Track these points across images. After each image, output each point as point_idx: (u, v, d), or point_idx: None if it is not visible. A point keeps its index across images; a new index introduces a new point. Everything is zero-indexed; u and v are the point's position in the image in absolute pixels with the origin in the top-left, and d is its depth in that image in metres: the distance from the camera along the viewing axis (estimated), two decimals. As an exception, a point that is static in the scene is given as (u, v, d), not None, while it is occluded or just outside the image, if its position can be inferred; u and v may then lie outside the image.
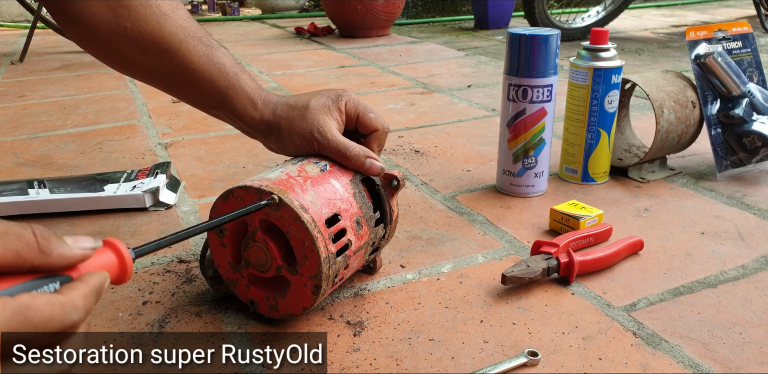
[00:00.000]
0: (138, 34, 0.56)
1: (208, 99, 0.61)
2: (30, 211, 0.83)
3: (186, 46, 0.57)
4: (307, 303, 0.55)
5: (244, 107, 0.60)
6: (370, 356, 0.54)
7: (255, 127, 0.62)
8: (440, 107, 1.36)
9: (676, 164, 0.98)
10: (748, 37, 0.95)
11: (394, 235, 0.65)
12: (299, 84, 1.61)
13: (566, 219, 0.74)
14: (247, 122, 0.61)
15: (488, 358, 0.53)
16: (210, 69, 0.58)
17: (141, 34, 0.56)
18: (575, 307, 0.61)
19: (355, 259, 0.58)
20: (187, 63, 0.58)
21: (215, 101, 0.60)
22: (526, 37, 0.79)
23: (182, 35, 0.57)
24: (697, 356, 0.53)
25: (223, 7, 3.40)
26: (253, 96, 0.61)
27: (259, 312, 0.58)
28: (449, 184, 0.92)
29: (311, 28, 2.51)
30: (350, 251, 0.56)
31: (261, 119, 0.61)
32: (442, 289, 0.64)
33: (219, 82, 0.59)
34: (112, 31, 0.55)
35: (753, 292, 0.63)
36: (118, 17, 0.55)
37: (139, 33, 0.56)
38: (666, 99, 0.87)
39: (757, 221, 0.78)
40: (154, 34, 0.56)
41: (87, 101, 1.47)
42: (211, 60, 0.58)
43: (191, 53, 0.58)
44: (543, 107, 0.82)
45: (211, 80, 0.59)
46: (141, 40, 0.56)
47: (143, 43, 0.56)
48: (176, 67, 0.58)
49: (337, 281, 0.56)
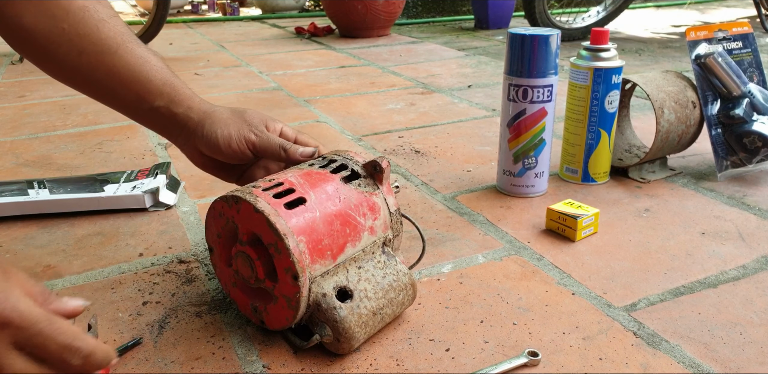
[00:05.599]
0: (76, 36, 0.57)
1: (145, 95, 0.61)
2: (30, 211, 0.83)
3: (124, 48, 0.59)
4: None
5: (185, 96, 0.61)
6: (370, 356, 0.54)
7: (189, 118, 0.62)
8: (440, 107, 1.36)
9: (676, 164, 0.98)
10: (748, 38, 0.95)
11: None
12: (299, 84, 1.61)
13: (563, 218, 0.74)
14: (184, 109, 0.61)
15: (488, 358, 0.53)
16: (147, 69, 0.60)
17: (79, 36, 0.57)
18: (576, 307, 0.61)
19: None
20: (125, 63, 0.59)
21: (152, 96, 0.61)
22: (527, 37, 0.79)
23: (120, 39, 0.59)
24: (698, 356, 0.53)
25: (223, 7, 3.40)
26: (190, 91, 0.63)
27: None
28: (449, 184, 0.92)
29: (311, 28, 2.51)
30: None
31: (199, 107, 0.62)
32: (442, 289, 0.64)
33: (156, 81, 0.60)
34: (49, 32, 0.56)
35: (753, 292, 0.63)
36: (56, 19, 0.56)
37: (77, 35, 0.57)
38: (666, 99, 0.87)
39: (757, 221, 0.78)
40: (92, 37, 0.57)
41: (87, 101, 1.47)
42: (147, 62, 0.60)
43: (129, 54, 0.59)
44: (543, 107, 0.82)
45: (149, 79, 0.60)
46: (78, 41, 0.57)
47: (80, 45, 0.57)
48: (113, 67, 0.58)
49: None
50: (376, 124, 1.24)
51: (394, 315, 0.56)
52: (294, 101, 1.44)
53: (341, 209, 0.54)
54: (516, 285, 0.65)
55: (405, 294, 0.57)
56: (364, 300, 0.53)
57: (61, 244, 0.76)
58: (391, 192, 0.59)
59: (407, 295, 0.57)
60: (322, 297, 0.52)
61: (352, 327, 0.52)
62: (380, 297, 0.54)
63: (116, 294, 0.65)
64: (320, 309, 0.52)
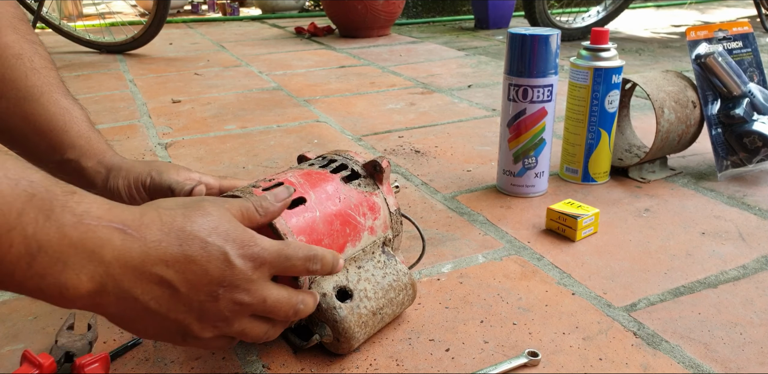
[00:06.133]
0: (1, 81, 0.56)
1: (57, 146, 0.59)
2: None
3: (48, 97, 0.58)
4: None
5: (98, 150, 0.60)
6: (370, 356, 0.54)
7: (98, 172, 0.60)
8: (440, 107, 1.36)
9: (676, 164, 0.98)
10: (748, 37, 0.95)
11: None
12: (299, 84, 1.61)
13: (563, 218, 0.74)
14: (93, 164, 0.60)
15: (488, 358, 0.53)
16: (67, 119, 0.59)
17: (4, 81, 0.56)
18: (575, 307, 0.61)
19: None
20: (44, 111, 0.58)
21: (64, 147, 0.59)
22: (527, 37, 0.79)
23: (46, 89, 0.58)
24: (698, 356, 0.53)
25: (223, 7, 3.40)
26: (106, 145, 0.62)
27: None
28: (449, 184, 0.92)
29: (311, 28, 2.51)
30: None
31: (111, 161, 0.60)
32: (442, 289, 0.64)
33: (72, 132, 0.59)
34: None
35: (753, 292, 0.63)
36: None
37: (3, 80, 0.56)
38: (666, 99, 0.87)
39: (757, 221, 0.78)
40: (17, 83, 0.57)
41: (87, 101, 1.47)
42: (69, 112, 0.59)
43: (52, 104, 0.58)
44: (543, 106, 0.82)
45: (65, 129, 0.59)
46: (2, 86, 0.56)
47: (2, 90, 0.57)
48: (32, 114, 0.58)
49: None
50: (376, 124, 1.24)
51: (394, 314, 0.56)
52: (294, 100, 1.44)
53: (341, 208, 0.54)
54: (516, 284, 0.65)
55: (405, 293, 0.57)
56: (364, 300, 0.53)
57: (61, 244, 0.76)
58: (391, 192, 0.59)
59: (407, 295, 0.57)
60: (322, 297, 0.51)
61: (352, 327, 0.52)
62: (380, 297, 0.54)
63: (116, 293, 0.65)
64: (320, 309, 0.52)
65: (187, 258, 0.40)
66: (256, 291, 0.43)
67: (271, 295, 0.44)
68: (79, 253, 0.36)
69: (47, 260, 0.35)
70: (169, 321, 0.41)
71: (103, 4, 4.07)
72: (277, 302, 0.45)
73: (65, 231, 0.35)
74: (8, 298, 0.64)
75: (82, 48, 2.16)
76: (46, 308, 0.62)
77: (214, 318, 0.42)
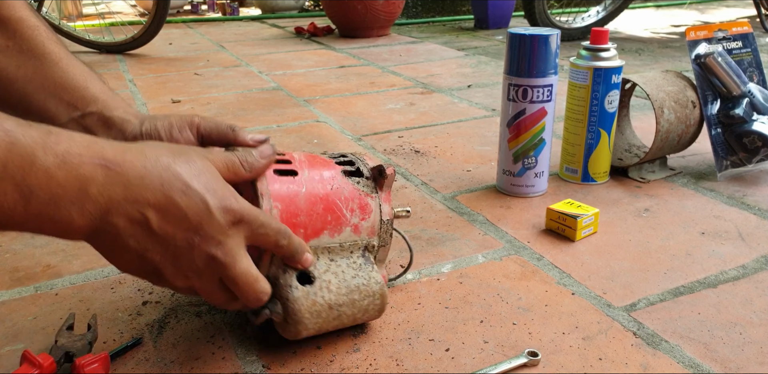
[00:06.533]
0: (18, 51, 0.57)
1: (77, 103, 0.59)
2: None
3: (66, 62, 0.59)
4: None
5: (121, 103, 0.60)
6: (370, 356, 0.54)
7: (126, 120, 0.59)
8: (440, 107, 1.36)
9: (676, 164, 0.98)
10: (748, 37, 0.95)
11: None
12: (299, 84, 1.61)
13: (563, 218, 0.74)
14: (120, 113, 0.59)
15: (488, 358, 0.53)
16: (87, 78, 0.59)
17: (21, 52, 0.57)
18: (575, 307, 0.61)
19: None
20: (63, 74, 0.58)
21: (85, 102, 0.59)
22: (526, 37, 0.79)
23: (64, 55, 0.59)
24: (698, 356, 0.53)
25: (222, 7, 3.40)
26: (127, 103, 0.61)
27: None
28: (449, 184, 0.92)
29: (311, 28, 2.51)
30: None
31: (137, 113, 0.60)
32: (442, 289, 0.64)
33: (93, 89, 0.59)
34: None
35: (753, 292, 0.63)
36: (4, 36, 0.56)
37: (20, 50, 0.57)
38: (666, 99, 0.87)
39: (757, 221, 0.78)
40: (35, 51, 0.58)
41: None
42: (90, 74, 0.60)
43: (72, 67, 0.59)
44: (543, 106, 0.82)
45: (86, 87, 0.59)
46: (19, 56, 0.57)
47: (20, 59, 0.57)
48: (51, 78, 0.58)
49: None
50: (376, 124, 1.24)
51: (354, 318, 0.54)
52: (294, 100, 1.44)
53: (329, 194, 0.53)
54: (516, 284, 0.65)
55: (371, 301, 0.54)
56: (324, 290, 0.52)
57: (60, 244, 0.76)
58: (389, 201, 0.57)
59: (373, 303, 0.55)
60: (282, 272, 0.50)
61: (303, 310, 0.50)
62: (342, 294, 0.53)
63: (116, 293, 0.65)
64: (277, 285, 0.50)
65: (168, 200, 0.41)
66: (230, 251, 0.44)
67: (242, 262, 0.45)
68: (67, 192, 0.38)
69: (40, 202, 0.37)
70: (144, 261, 0.42)
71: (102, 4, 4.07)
72: (245, 273, 0.45)
73: (51, 173, 0.37)
74: (8, 298, 0.64)
75: (82, 48, 2.16)
76: (46, 308, 0.62)
77: (187, 267, 0.43)
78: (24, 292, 0.65)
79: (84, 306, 0.62)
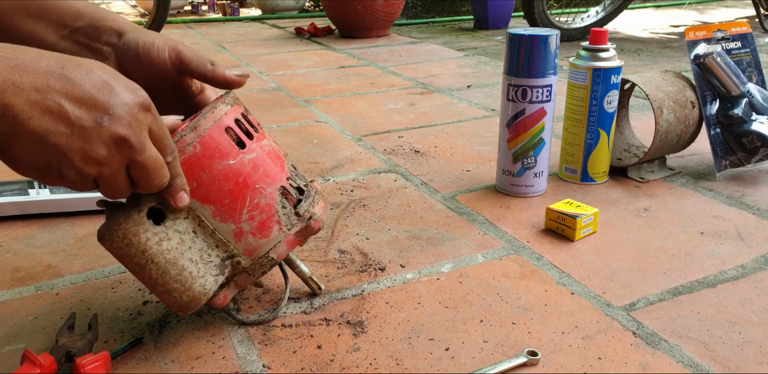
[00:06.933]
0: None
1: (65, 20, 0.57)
2: (30, 211, 0.83)
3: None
4: None
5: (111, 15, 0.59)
6: (370, 356, 0.54)
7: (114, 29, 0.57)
8: (440, 107, 1.36)
9: (675, 164, 0.98)
10: (747, 37, 0.95)
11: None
12: (299, 84, 1.62)
13: (562, 218, 0.74)
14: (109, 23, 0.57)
15: (488, 358, 0.53)
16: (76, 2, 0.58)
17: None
18: (575, 307, 0.61)
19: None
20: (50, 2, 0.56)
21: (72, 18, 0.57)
22: (526, 38, 0.79)
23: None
24: (697, 355, 0.53)
25: (223, 7, 3.40)
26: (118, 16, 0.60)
27: None
28: (449, 184, 0.93)
29: (311, 29, 2.51)
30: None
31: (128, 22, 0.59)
32: (442, 289, 0.64)
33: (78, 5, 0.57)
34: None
35: (752, 292, 0.63)
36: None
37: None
38: (665, 99, 0.88)
39: (756, 220, 0.78)
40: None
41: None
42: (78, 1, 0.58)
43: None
44: (542, 107, 0.82)
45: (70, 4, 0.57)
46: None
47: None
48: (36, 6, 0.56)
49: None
50: (376, 124, 1.24)
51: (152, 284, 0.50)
52: (294, 101, 1.44)
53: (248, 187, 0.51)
54: (515, 284, 0.65)
55: (180, 292, 0.50)
56: (155, 238, 0.48)
57: (61, 244, 0.76)
58: (292, 247, 0.55)
59: (179, 295, 0.50)
60: (145, 196, 0.48)
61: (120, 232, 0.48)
62: (164, 258, 0.49)
63: (116, 293, 0.65)
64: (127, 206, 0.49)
65: (69, 79, 0.40)
66: (140, 135, 0.43)
67: (151, 149, 0.44)
68: None
69: None
70: (46, 147, 0.40)
71: (103, 4, 4.07)
72: (155, 157, 0.44)
73: None
74: (9, 298, 0.65)
75: (82, 48, 2.16)
76: (46, 308, 0.62)
77: (95, 151, 0.41)
78: (25, 292, 0.66)
79: (85, 306, 0.62)
